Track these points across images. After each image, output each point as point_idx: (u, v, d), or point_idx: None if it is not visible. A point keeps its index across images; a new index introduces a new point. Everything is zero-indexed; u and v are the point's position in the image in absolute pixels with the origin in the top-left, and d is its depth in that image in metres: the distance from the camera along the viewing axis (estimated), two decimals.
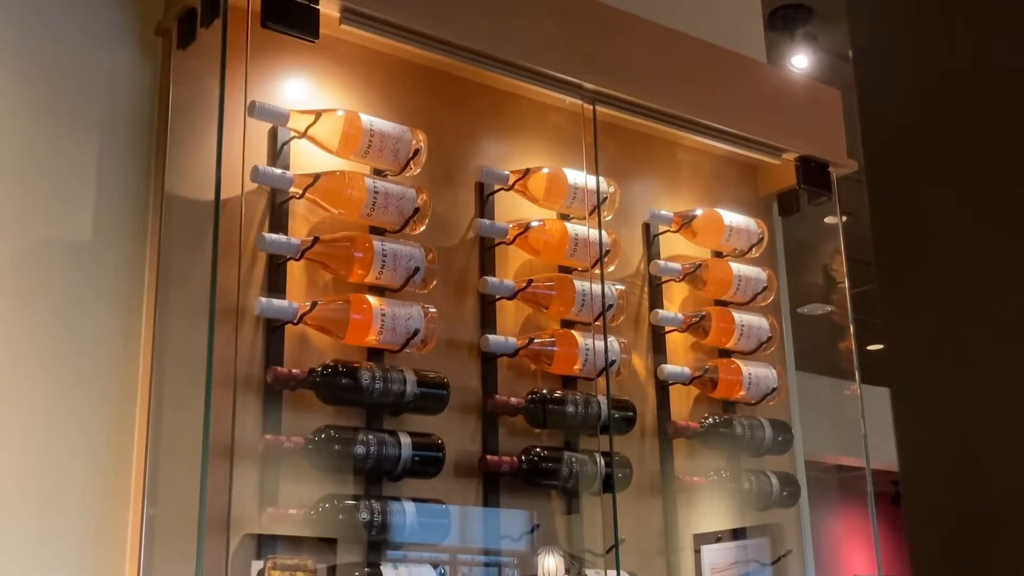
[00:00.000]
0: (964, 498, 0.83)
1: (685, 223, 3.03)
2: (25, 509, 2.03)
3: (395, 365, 2.39)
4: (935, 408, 0.87)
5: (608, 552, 2.51)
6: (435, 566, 2.29)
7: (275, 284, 2.35)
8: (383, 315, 2.36)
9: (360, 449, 2.26)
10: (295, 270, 2.39)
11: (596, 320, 2.71)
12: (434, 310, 2.47)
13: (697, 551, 2.82)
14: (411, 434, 2.35)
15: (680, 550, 2.77)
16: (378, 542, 2.28)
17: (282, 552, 2.17)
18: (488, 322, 2.66)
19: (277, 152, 2.41)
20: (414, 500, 2.32)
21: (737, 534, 2.97)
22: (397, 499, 2.30)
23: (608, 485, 2.59)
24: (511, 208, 2.78)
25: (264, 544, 2.16)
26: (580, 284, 2.72)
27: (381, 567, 2.22)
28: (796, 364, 3.29)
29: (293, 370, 2.27)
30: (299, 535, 2.21)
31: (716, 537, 2.92)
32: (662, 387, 2.90)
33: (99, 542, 2.07)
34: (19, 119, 2.23)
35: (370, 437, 2.29)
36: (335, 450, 2.25)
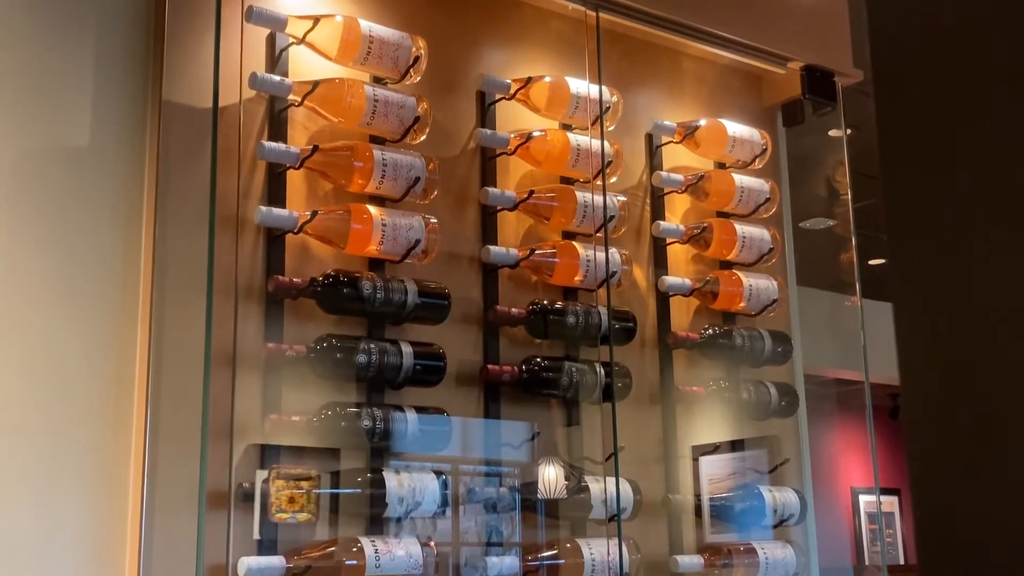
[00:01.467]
0: (964, 411, 0.83)
1: (688, 134, 3.00)
2: (28, 420, 2.05)
3: (396, 275, 2.39)
4: (937, 322, 0.86)
5: (607, 459, 2.54)
6: (438, 474, 2.32)
7: (275, 193, 2.34)
8: (384, 225, 2.35)
9: (362, 358, 2.27)
10: (295, 179, 2.37)
11: (597, 231, 2.70)
12: (435, 221, 2.46)
13: (696, 459, 2.85)
14: (412, 343, 2.36)
15: (679, 458, 2.80)
16: (380, 449, 2.31)
17: (286, 462, 2.19)
18: (489, 233, 2.65)
19: (275, 58, 2.38)
20: (416, 408, 2.34)
21: (735, 446, 3.00)
22: (399, 407, 2.32)
23: (608, 395, 2.61)
24: (512, 118, 2.75)
25: (268, 454, 2.19)
26: (582, 195, 2.71)
27: (383, 473, 2.25)
28: (797, 279, 3.29)
29: (294, 279, 2.27)
30: (302, 445, 2.23)
31: (714, 447, 2.96)
32: (663, 298, 2.91)
33: (103, 450, 2.09)
34: (14, 24, 2.19)
35: (372, 346, 2.30)
36: (337, 358, 2.26)
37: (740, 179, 3.03)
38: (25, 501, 2.00)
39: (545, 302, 2.64)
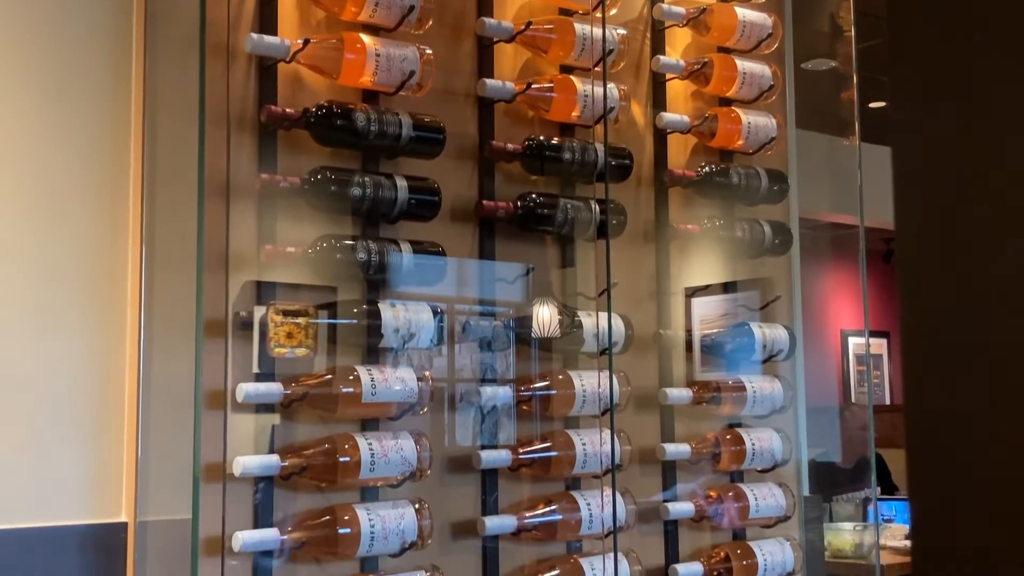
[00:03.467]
0: (958, 259, 0.83)
1: None
2: (24, 248, 2.05)
3: (390, 108, 2.36)
4: (935, 166, 0.86)
5: (600, 295, 2.56)
6: (434, 311, 2.34)
7: (266, 21, 2.28)
8: (377, 55, 2.31)
9: (356, 191, 2.26)
10: (286, 7, 2.32)
11: (596, 66, 2.66)
12: (430, 52, 2.41)
13: (688, 299, 2.88)
14: (407, 177, 2.35)
15: (671, 295, 2.83)
16: (376, 283, 2.32)
17: (282, 299, 2.21)
18: (485, 66, 2.60)
19: None
20: (411, 242, 2.34)
21: (728, 288, 3.03)
22: (394, 240, 2.32)
23: (602, 231, 2.62)
24: None
25: (264, 290, 2.20)
26: (580, 27, 2.65)
27: (379, 304, 2.27)
28: (796, 121, 3.25)
29: (287, 109, 2.24)
30: (299, 282, 2.24)
31: (706, 287, 2.99)
32: (660, 136, 2.88)
33: (98, 279, 2.10)
34: None
35: (366, 179, 2.29)
36: (332, 191, 2.25)
37: (743, 13, 2.97)
38: (21, 326, 2.02)
39: (541, 138, 2.61)
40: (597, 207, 2.63)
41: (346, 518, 2.13)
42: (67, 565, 1.98)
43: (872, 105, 3.27)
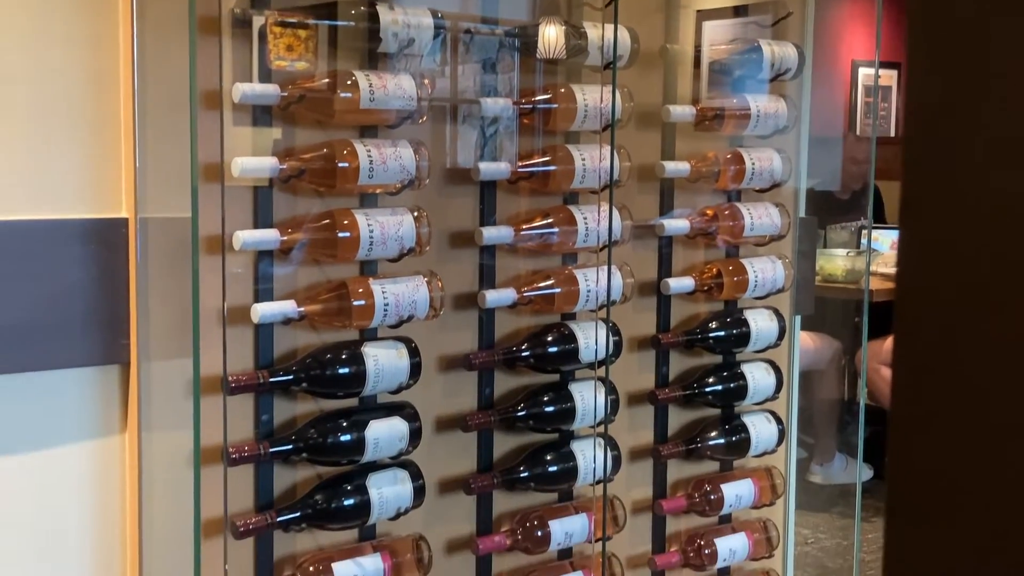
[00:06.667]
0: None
1: None
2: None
3: None
4: None
5: (607, 6, 2.47)
6: (434, 13, 2.26)
7: None
8: None
9: None
10: None
11: None
12: None
13: (701, 18, 2.80)
14: None
15: (680, 8, 2.74)
16: None
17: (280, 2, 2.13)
18: None
19: None
20: None
21: (739, 12, 2.93)
22: None
23: None
24: None
25: None
26: None
27: (378, 7, 2.19)
28: None
29: None
30: None
31: (717, 9, 2.89)
32: None
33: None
34: None
35: None
36: None
37: None
38: (14, 27, 1.96)
39: None
40: None
41: (345, 222, 2.15)
42: (70, 256, 2.02)
43: None
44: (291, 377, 2.14)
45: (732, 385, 2.81)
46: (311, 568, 2.18)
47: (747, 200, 2.84)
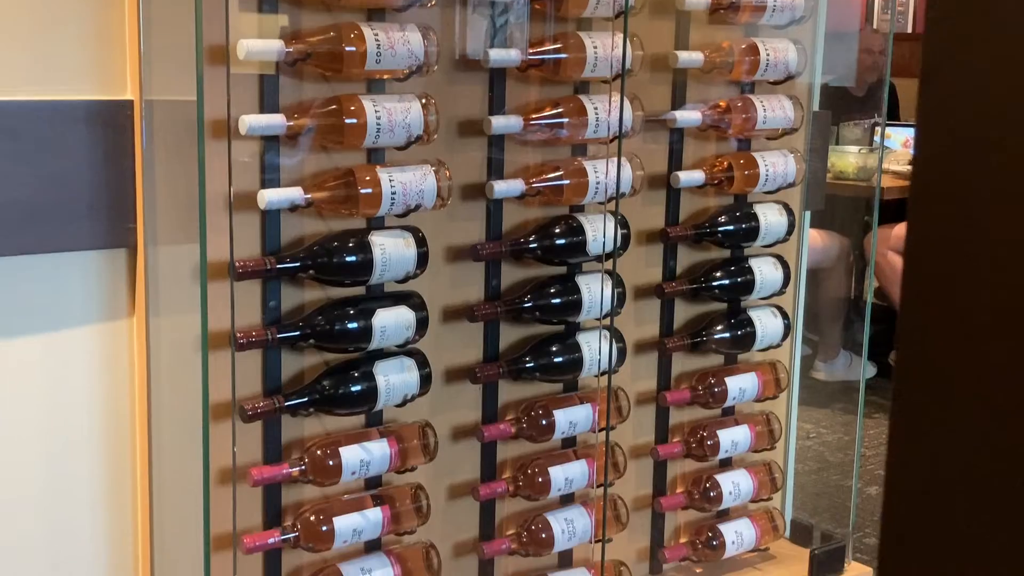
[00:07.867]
0: None
1: None
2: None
3: None
4: None
5: None
6: None
7: None
8: None
9: None
10: None
11: None
12: None
13: None
14: None
15: None
16: None
17: None
18: None
19: None
20: None
21: None
22: None
23: None
24: None
25: None
26: None
27: None
28: None
29: None
30: None
31: None
32: None
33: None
34: None
35: None
36: None
37: None
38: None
39: None
40: None
41: (352, 108, 2.12)
42: (75, 137, 2.00)
43: None
44: (298, 264, 2.14)
45: (739, 279, 2.81)
46: (319, 452, 2.21)
47: (760, 93, 2.79)
